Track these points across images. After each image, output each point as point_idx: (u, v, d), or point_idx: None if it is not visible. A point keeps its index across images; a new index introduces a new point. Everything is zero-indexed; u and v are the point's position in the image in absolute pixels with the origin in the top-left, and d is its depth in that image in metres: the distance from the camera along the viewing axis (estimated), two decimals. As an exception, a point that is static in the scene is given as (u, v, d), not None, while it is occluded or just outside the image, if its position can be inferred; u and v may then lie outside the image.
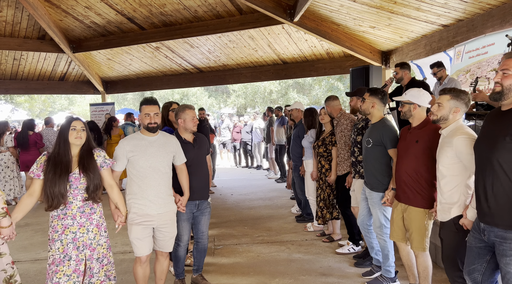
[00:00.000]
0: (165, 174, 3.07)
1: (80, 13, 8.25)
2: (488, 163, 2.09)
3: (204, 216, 3.50)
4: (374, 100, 3.45)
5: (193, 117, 3.35)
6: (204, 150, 3.49)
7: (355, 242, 4.37)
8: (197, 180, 3.39)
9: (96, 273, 2.75)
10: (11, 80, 10.79)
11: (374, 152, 3.40)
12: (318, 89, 21.99)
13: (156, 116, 3.00)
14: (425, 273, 3.00)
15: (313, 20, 7.07)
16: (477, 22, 5.10)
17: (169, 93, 24.93)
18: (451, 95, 2.55)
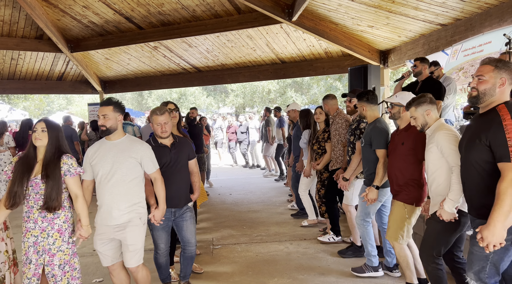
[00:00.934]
0: (124, 181, 2.78)
1: (78, 12, 8.22)
2: (466, 162, 2.32)
3: (186, 221, 3.24)
4: (362, 104, 3.69)
5: (160, 123, 3.06)
6: (183, 154, 3.23)
7: (335, 232, 4.69)
8: (172, 187, 3.12)
9: (59, 281, 2.69)
10: (9, 80, 10.74)
11: (366, 151, 3.63)
12: (317, 89, 22.00)
13: (105, 119, 2.76)
14: (405, 262, 3.20)
15: (312, 19, 7.07)
16: (475, 21, 5.10)
17: (167, 93, 24.91)
18: (414, 105, 2.82)
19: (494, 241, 2.06)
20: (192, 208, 3.37)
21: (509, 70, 2.19)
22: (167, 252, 3.32)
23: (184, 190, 3.26)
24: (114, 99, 2.88)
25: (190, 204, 3.35)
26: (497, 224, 2.04)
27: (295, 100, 22.27)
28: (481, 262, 2.21)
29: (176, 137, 3.28)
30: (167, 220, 3.19)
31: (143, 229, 2.90)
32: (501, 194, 2.05)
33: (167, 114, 3.12)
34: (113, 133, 2.83)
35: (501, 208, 2.04)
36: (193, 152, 3.37)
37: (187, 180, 3.31)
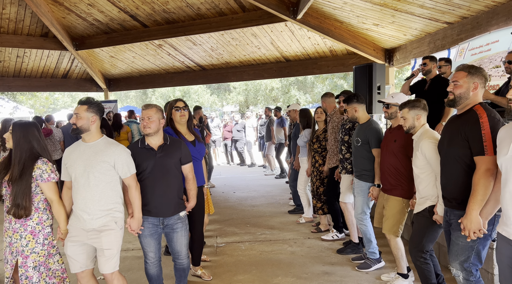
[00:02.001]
0: (97, 186, 2.64)
1: (83, 10, 8.24)
2: (447, 156, 2.51)
3: (176, 233, 2.99)
4: (353, 106, 3.87)
5: (143, 117, 2.87)
6: (171, 159, 2.93)
7: (338, 230, 4.74)
8: (155, 195, 2.89)
9: (37, 282, 2.67)
10: (14, 78, 10.80)
11: (362, 150, 3.80)
12: (321, 87, 21.93)
13: (76, 118, 2.64)
14: (399, 254, 3.41)
15: (316, 17, 7.04)
16: (482, 19, 5.06)
17: (171, 91, 24.93)
18: (408, 107, 2.99)
19: (473, 228, 2.25)
20: (184, 219, 3.04)
21: (481, 75, 2.42)
22: (158, 262, 3.06)
23: (172, 198, 2.94)
24: (91, 99, 2.72)
25: (182, 214, 3.02)
26: (473, 212, 2.25)
27: (298, 98, 22.24)
28: (466, 252, 2.40)
29: (168, 139, 2.97)
30: (154, 226, 2.94)
31: (119, 233, 2.73)
32: (475, 185, 2.27)
33: (154, 109, 2.88)
34: (87, 135, 2.69)
35: (475, 197, 2.26)
36: (187, 156, 3.03)
37: (176, 186, 2.97)
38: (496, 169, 2.24)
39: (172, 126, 3.37)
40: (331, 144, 4.67)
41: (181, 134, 3.36)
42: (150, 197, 2.89)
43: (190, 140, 3.39)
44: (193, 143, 3.41)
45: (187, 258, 3.13)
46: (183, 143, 3.05)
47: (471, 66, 2.47)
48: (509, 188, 2.02)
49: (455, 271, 2.47)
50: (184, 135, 3.38)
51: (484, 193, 2.23)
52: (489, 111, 2.33)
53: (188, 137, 3.41)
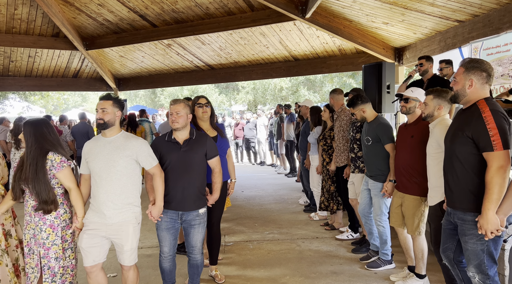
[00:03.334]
0: (119, 180, 2.70)
1: (93, 10, 8.32)
2: (450, 153, 2.47)
3: (193, 228, 3.04)
4: (360, 107, 3.87)
5: (172, 112, 2.92)
6: (196, 154, 2.98)
7: (354, 230, 4.73)
8: (177, 188, 2.95)
9: (57, 272, 2.75)
10: (26, 78, 10.96)
11: (375, 148, 3.72)
12: (330, 86, 21.83)
13: (103, 113, 2.70)
14: (421, 254, 3.34)
15: (325, 16, 7.01)
16: (494, 17, 4.99)
17: (179, 90, 25.02)
18: (434, 95, 2.96)
19: (490, 228, 2.19)
20: (203, 216, 3.08)
21: (479, 71, 2.35)
22: (172, 257, 3.10)
23: (193, 193, 2.98)
24: (114, 95, 2.83)
25: (202, 211, 3.05)
26: (489, 212, 2.18)
27: (308, 98, 22.17)
28: (478, 256, 2.34)
29: (195, 133, 3.03)
30: (172, 221, 2.99)
31: (138, 228, 2.82)
32: (489, 183, 2.19)
33: (182, 104, 2.95)
34: (109, 130, 2.75)
35: (490, 196, 2.18)
36: (213, 150, 3.09)
37: (198, 182, 3.01)
38: (509, 164, 2.15)
39: (194, 123, 3.40)
40: (339, 142, 4.66)
41: (202, 130, 3.40)
42: (171, 189, 2.95)
43: (212, 136, 3.43)
44: (215, 138, 3.45)
45: (201, 254, 3.15)
46: (209, 137, 3.10)
47: (470, 61, 2.41)
48: None
49: (471, 273, 2.41)
50: (205, 131, 3.40)
51: (499, 190, 2.15)
52: (492, 106, 2.26)
53: (210, 134, 3.43)
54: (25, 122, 2.82)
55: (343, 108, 4.72)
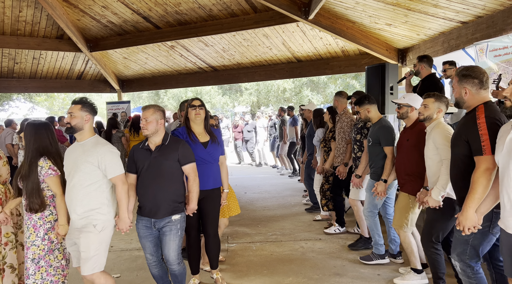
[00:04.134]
0: (81, 185, 2.67)
1: (97, 12, 8.37)
2: (453, 155, 2.63)
3: (165, 236, 2.90)
4: (366, 107, 4.00)
5: (142, 120, 2.86)
6: (167, 160, 2.87)
7: (340, 224, 5.00)
8: (148, 195, 2.87)
9: (32, 274, 2.78)
10: (31, 79, 11.03)
11: (374, 149, 3.90)
12: (333, 88, 21.81)
13: (70, 117, 2.70)
14: (409, 249, 3.49)
15: (328, 17, 7.01)
16: (497, 18, 4.97)
17: (183, 92, 25.06)
18: (435, 98, 3.09)
19: (468, 225, 2.34)
20: (176, 223, 2.92)
21: (470, 78, 2.49)
22: (156, 264, 3.02)
23: (164, 200, 2.87)
24: (85, 99, 2.78)
25: (175, 217, 2.91)
26: (469, 210, 2.32)
27: (310, 99, 22.17)
28: (462, 245, 2.53)
29: (167, 139, 2.93)
30: (147, 228, 2.92)
31: (98, 237, 2.70)
32: (473, 183, 2.33)
33: (151, 110, 2.88)
34: (79, 134, 2.75)
35: (473, 195, 2.32)
36: (187, 157, 2.94)
37: (171, 189, 2.89)
38: (495, 168, 2.28)
39: (187, 125, 3.30)
40: (338, 143, 4.83)
41: (193, 134, 3.26)
42: (142, 196, 2.91)
43: (202, 141, 3.28)
44: (205, 144, 3.28)
45: (178, 264, 2.99)
46: (182, 143, 2.97)
47: (462, 70, 2.57)
48: (505, 184, 2.09)
49: (454, 261, 2.61)
50: (197, 135, 3.28)
51: (482, 191, 2.29)
52: (489, 112, 2.39)
53: (202, 138, 3.30)
54: (27, 123, 2.89)
55: (345, 111, 4.86)
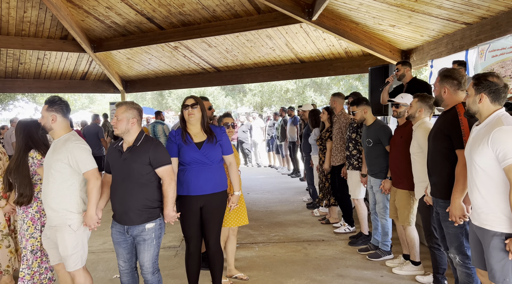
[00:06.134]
0: (54, 183, 2.66)
1: (101, 13, 8.40)
2: (432, 149, 2.84)
3: (140, 245, 2.71)
4: (363, 107, 4.17)
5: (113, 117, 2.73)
6: (136, 162, 2.64)
7: (350, 223, 5.08)
8: (116, 199, 2.70)
9: (30, 264, 3.03)
10: (35, 80, 11.08)
11: (375, 149, 4.05)
12: (336, 89, 21.78)
13: (42, 118, 2.76)
14: (412, 243, 3.69)
15: (332, 19, 7.01)
16: (502, 20, 4.95)
17: (187, 93, 25.12)
18: (418, 99, 3.35)
19: (457, 214, 2.52)
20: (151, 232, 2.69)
21: (451, 79, 2.76)
22: (128, 272, 2.82)
23: (135, 206, 2.65)
24: (52, 99, 2.77)
25: (149, 226, 2.68)
26: (456, 200, 2.53)
27: (314, 100, 22.16)
28: (457, 238, 2.69)
29: (140, 140, 2.71)
30: (121, 234, 2.72)
31: (74, 236, 2.69)
32: (457, 175, 2.55)
33: (123, 108, 2.71)
34: (51, 133, 2.79)
35: (457, 187, 2.54)
36: (160, 159, 2.69)
37: (144, 193, 2.67)
38: None
39: (182, 126, 3.08)
40: (336, 142, 5.00)
41: (188, 135, 3.03)
42: (112, 201, 2.76)
43: (197, 142, 3.03)
44: (199, 144, 3.02)
45: (153, 274, 2.76)
46: (155, 144, 2.72)
47: (444, 71, 2.82)
48: (469, 177, 2.34)
49: (452, 254, 2.76)
50: (192, 136, 3.04)
51: (464, 182, 2.48)
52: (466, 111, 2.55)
53: (197, 139, 3.05)
54: (18, 121, 3.12)
55: (343, 112, 5.04)
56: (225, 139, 3.14)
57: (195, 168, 3.00)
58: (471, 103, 2.31)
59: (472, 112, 2.33)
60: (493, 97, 2.24)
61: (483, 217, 2.22)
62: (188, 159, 2.99)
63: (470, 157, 2.28)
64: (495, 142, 2.11)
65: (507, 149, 2.07)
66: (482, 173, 2.21)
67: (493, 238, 2.16)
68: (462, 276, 2.73)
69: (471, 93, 2.31)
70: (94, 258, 4.42)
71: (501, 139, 2.09)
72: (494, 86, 2.24)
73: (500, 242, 2.14)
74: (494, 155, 2.13)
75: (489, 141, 2.13)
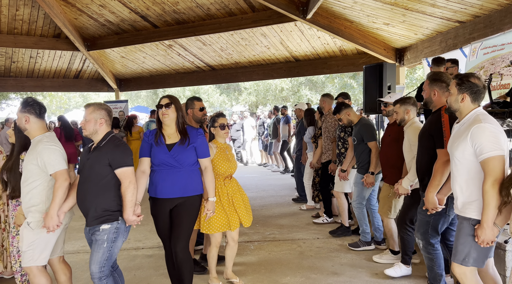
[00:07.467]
0: (25, 182, 2.73)
1: (94, 11, 8.34)
2: (419, 146, 3.06)
3: (92, 246, 2.66)
4: (344, 111, 4.46)
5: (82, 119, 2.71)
6: (97, 163, 2.61)
7: (328, 215, 5.42)
8: (79, 200, 2.68)
9: (14, 263, 3.13)
10: (28, 78, 10.99)
11: (359, 147, 4.35)
12: (331, 87, 21.82)
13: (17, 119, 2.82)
14: (390, 233, 3.97)
15: (326, 17, 7.02)
16: (495, 18, 4.99)
17: (181, 91, 25.04)
18: (400, 103, 3.57)
19: (430, 206, 2.81)
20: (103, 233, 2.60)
21: (439, 83, 2.93)
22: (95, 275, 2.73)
23: (89, 207, 2.62)
24: (25, 100, 2.80)
25: (103, 227, 2.60)
26: (429, 194, 2.79)
27: (310, 98, 22.20)
28: (424, 226, 2.99)
29: (104, 140, 2.68)
30: (87, 234, 2.73)
31: (32, 234, 2.69)
32: (434, 171, 2.79)
33: (90, 108, 2.69)
34: (27, 133, 2.83)
35: (433, 182, 2.78)
36: (116, 160, 2.61)
37: (99, 195, 2.61)
38: None
39: (158, 128, 2.97)
40: (324, 141, 5.27)
41: (161, 136, 2.94)
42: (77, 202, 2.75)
43: (168, 143, 2.92)
44: (170, 146, 2.91)
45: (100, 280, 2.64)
46: (116, 145, 2.66)
47: (433, 75, 3.01)
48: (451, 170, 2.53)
49: (417, 240, 3.07)
50: (166, 137, 2.94)
51: (440, 179, 2.74)
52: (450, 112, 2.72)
53: (170, 140, 2.94)
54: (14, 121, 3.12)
55: (329, 112, 5.27)
56: (200, 142, 2.98)
57: (163, 170, 2.91)
58: (453, 101, 2.47)
59: (453, 109, 2.50)
60: (474, 98, 2.42)
61: (461, 205, 2.44)
62: (157, 160, 2.91)
63: (451, 152, 2.48)
64: (473, 138, 2.30)
65: (483, 144, 2.26)
66: (461, 166, 2.41)
67: (463, 223, 2.41)
68: (426, 259, 3.09)
69: (453, 92, 2.47)
70: (87, 257, 4.39)
71: (479, 135, 2.28)
72: (476, 87, 2.41)
73: (468, 226, 2.38)
74: (473, 149, 2.32)
75: (469, 137, 2.32)
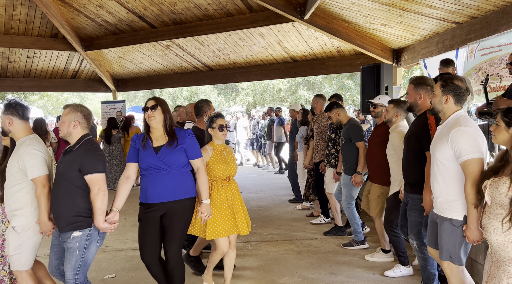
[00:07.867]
0: (7, 185, 2.70)
1: (92, 11, 8.32)
2: (406, 150, 3.14)
3: (65, 253, 2.62)
4: (335, 111, 4.55)
5: None
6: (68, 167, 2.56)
7: (325, 215, 5.47)
8: (51, 203, 2.64)
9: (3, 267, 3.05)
10: (25, 78, 10.93)
11: (346, 147, 4.43)
12: (329, 88, 21.85)
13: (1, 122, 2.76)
14: (382, 233, 4.01)
15: (324, 17, 7.03)
16: (491, 19, 5.01)
17: (178, 91, 25.00)
18: (393, 104, 3.63)
19: (428, 209, 2.81)
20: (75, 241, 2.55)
21: (425, 86, 3.01)
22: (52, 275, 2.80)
23: (61, 212, 2.56)
24: (8, 102, 2.78)
25: (75, 234, 2.55)
26: (426, 197, 2.85)
27: (308, 99, 22.23)
28: (417, 227, 3.07)
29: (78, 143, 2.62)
30: (56, 238, 2.69)
31: (18, 237, 2.67)
32: (427, 174, 2.83)
33: (67, 110, 2.66)
34: (12, 135, 2.79)
35: (428, 185, 2.80)
36: (86, 165, 2.54)
37: (69, 200, 2.55)
38: None
39: (146, 131, 2.89)
40: (316, 141, 5.35)
41: (149, 139, 2.87)
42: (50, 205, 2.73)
43: (155, 146, 2.84)
44: (157, 149, 2.83)
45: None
46: (87, 150, 2.59)
47: (417, 79, 3.06)
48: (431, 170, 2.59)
49: (411, 240, 3.12)
50: (153, 140, 2.86)
51: None
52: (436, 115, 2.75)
53: (158, 142, 2.86)
54: None
55: (321, 112, 5.34)
56: (189, 143, 2.89)
57: (152, 174, 2.82)
58: (437, 102, 2.52)
59: (436, 110, 2.56)
60: (457, 99, 2.49)
61: (440, 205, 2.52)
62: (144, 164, 2.82)
63: (433, 152, 2.55)
64: (453, 141, 2.37)
65: (463, 147, 2.33)
66: (442, 167, 2.48)
67: (445, 223, 2.48)
68: (419, 259, 3.16)
69: (438, 93, 2.52)
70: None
71: (458, 138, 2.36)
72: (459, 89, 2.48)
73: (450, 226, 2.46)
74: (453, 152, 2.39)
75: (449, 140, 2.39)
